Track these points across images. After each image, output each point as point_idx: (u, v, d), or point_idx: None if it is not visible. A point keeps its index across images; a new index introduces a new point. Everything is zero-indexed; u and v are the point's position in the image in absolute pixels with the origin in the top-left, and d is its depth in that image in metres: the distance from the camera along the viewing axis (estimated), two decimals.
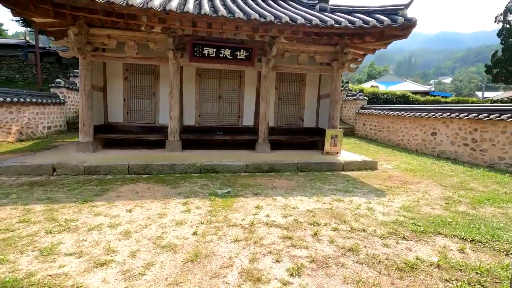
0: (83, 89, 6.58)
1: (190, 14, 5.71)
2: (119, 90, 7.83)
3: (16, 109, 9.82)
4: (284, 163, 6.56)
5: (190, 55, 6.87)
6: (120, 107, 7.89)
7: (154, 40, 6.80)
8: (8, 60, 19.14)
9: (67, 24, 6.51)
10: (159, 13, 5.67)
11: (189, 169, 6.14)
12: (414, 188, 5.41)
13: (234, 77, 8.37)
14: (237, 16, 5.82)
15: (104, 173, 5.79)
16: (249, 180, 5.64)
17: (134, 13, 5.63)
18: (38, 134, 11.00)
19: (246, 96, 8.49)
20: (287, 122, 8.91)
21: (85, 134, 6.70)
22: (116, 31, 6.58)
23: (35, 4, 5.43)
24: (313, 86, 8.91)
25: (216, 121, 8.44)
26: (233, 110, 8.50)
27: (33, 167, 5.55)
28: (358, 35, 6.71)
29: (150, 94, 8.01)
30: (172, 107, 7.03)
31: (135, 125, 8.01)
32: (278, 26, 6.13)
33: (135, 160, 6.11)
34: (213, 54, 6.93)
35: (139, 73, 7.90)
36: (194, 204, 4.12)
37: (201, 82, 8.19)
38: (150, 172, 5.96)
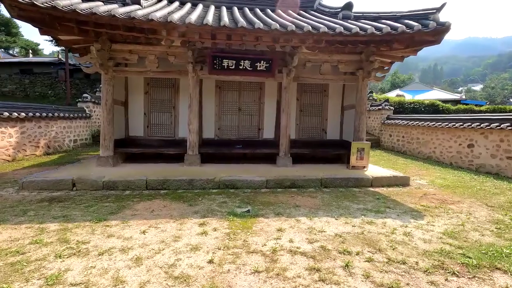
0: (105, 104, 6.62)
1: (209, 26, 5.61)
2: (140, 104, 7.87)
3: (45, 123, 10.18)
4: (307, 179, 6.17)
5: (210, 67, 6.77)
6: (141, 121, 7.90)
7: (174, 53, 6.78)
8: (42, 77, 20.33)
9: (90, 40, 6.65)
10: (178, 27, 5.61)
11: (208, 185, 5.91)
12: (455, 208, 4.82)
13: (254, 88, 8.18)
14: (257, 26, 5.65)
15: (122, 188, 5.70)
16: (270, 197, 5.30)
17: (154, 27, 5.61)
18: (64, 147, 11.34)
19: (266, 108, 8.25)
20: (309, 135, 8.54)
21: (106, 149, 6.70)
22: (137, 46, 6.63)
23: (60, 22, 5.56)
24: (336, 97, 8.52)
25: (236, 134, 8.24)
26: (253, 123, 8.27)
27: (54, 182, 5.55)
28: (385, 42, 6.32)
29: (170, 107, 7.98)
30: (191, 120, 6.91)
31: (155, 139, 7.98)
32: (299, 35, 5.89)
33: (153, 175, 5.99)
34: (233, 66, 6.79)
35: (160, 86, 7.92)
36: (211, 225, 3.84)
37: (221, 94, 8.07)
38: (168, 187, 5.79)
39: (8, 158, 8.51)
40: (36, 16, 5.39)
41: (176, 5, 7.47)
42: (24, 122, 9.17)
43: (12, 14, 5.26)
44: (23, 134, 9.14)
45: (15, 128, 8.83)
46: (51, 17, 5.36)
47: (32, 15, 5.37)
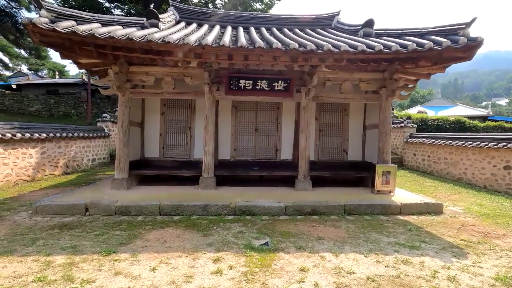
0: (121, 126, 6.57)
1: (226, 48, 5.50)
2: (156, 124, 7.81)
3: (65, 143, 10.34)
4: (329, 205, 5.74)
5: (226, 88, 6.63)
6: (157, 142, 7.81)
7: (191, 75, 6.71)
8: (66, 97, 21.18)
9: (109, 63, 6.70)
10: (195, 48, 5.54)
11: (223, 211, 5.60)
12: (502, 244, 4.23)
13: (271, 108, 7.96)
14: (275, 46, 5.47)
15: (135, 213, 5.48)
16: (289, 226, 4.91)
17: (171, 49, 5.56)
18: (83, 166, 11.44)
19: (284, 128, 7.97)
20: (329, 156, 8.13)
21: (120, 171, 6.59)
22: (154, 68, 6.62)
23: (80, 46, 5.62)
24: (357, 116, 8.14)
25: (252, 155, 7.97)
26: (270, 143, 7.99)
27: (67, 207, 5.43)
28: (411, 59, 5.97)
29: (185, 128, 7.86)
30: (207, 142, 6.72)
31: (170, 160, 7.83)
32: (319, 54, 5.66)
33: (167, 200, 5.75)
34: (250, 86, 6.62)
35: (176, 107, 7.86)
36: (227, 261, 3.50)
37: (237, 114, 7.89)
38: (182, 213, 5.53)
39: (27, 178, 8.59)
40: (57, 41, 5.47)
41: (193, 27, 7.51)
42: (44, 143, 9.32)
43: (34, 40, 5.37)
44: (43, 154, 9.27)
45: (36, 149, 8.97)
46: (71, 42, 5.42)
47: (53, 41, 5.46)
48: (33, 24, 5.01)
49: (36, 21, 4.98)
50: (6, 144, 7.84)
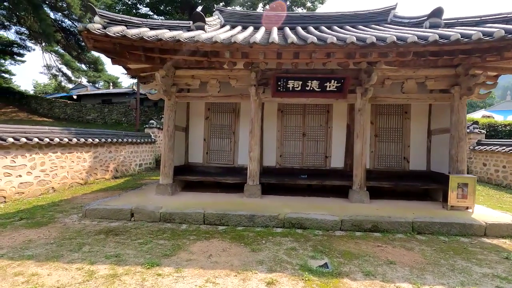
0: (166, 130, 6.48)
1: (276, 45, 5.08)
2: (200, 129, 7.66)
3: (115, 148, 10.75)
4: (393, 221, 4.94)
5: (273, 90, 6.20)
6: (200, 147, 7.64)
7: (236, 77, 6.42)
8: (118, 106, 22.66)
9: (156, 68, 6.70)
10: (242, 47, 5.21)
11: (271, 222, 5.11)
12: None
13: (320, 111, 7.35)
14: (329, 41, 4.92)
15: (179, 221, 5.24)
16: (349, 244, 4.24)
17: (217, 49, 5.31)
18: (130, 171, 11.82)
19: (334, 133, 7.29)
20: (387, 164, 7.22)
21: (165, 176, 6.46)
22: (199, 71, 6.46)
23: (129, 51, 5.63)
24: (420, 119, 7.14)
25: (300, 162, 7.39)
26: (319, 150, 7.34)
27: (113, 211, 5.37)
28: (496, 49, 4.98)
29: (229, 133, 7.59)
30: (252, 147, 6.32)
31: (213, 166, 7.59)
32: (381, 48, 4.97)
33: (211, 208, 5.43)
34: (299, 87, 6.11)
35: (220, 111, 7.64)
36: (282, 285, 2.98)
37: (283, 118, 7.41)
38: (226, 223, 5.15)
39: (81, 181, 8.99)
40: (108, 46, 5.53)
41: (238, 29, 7.26)
42: (97, 147, 9.74)
43: (88, 45, 5.48)
44: (95, 158, 9.69)
45: (89, 153, 9.39)
46: (121, 46, 5.44)
47: (105, 46, 5.52)
48: (87, 30, 5.09)
49: (90, 27, 5.06)
50: (63, 148, 8.27)
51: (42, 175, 7.56)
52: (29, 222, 5.06)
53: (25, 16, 22.36)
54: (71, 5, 23.12)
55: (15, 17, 27.12)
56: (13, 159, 6.76)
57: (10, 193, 6.67)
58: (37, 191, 7.39)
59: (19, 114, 23.71)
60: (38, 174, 7.42)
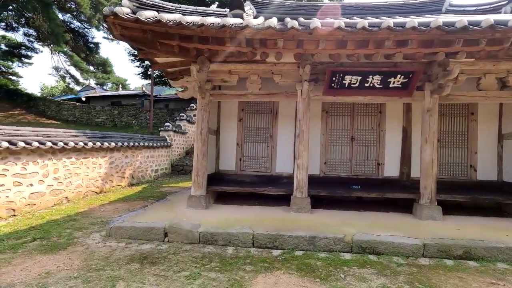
0: (199, 133, 5.61)
1: (341, 32, 4.20)
2: (232, 133, 6.78)
3: (131, 153, 9.93)
4: (489, 246, 3.99)
5: (326, 86, 5.31)
6: (233, 152, 6.76)
7: (280, 72, 5.56)
8: (128, 108, 21.94)
9: (187, 62, 5.87)
10: (300, 34, 4.34)
11: (336, 246, 4.19)
12: None
13: (371, 112, 6.44)
14: (409, 26, 4.03)
15: (222, 243, 4.35)
16: (453, 279, 3.31)
17: (269, 37, 4.44)
18: (146, 177, 10.99)
19: (388, 137, 6.37)
20: (451, 173, 6.27)
21: (198, 187, 5.59)
22: (238, 66, 5.59)
23: (162, 40, 4.80)
24: (489, 121, 6.20)
25: (347, 170, 6.47)
26: (370, 156, 6.42)
27: (143, 231, 4.49)
28: None
29: (266, 136, 6.70)
30: (300, 153, 5.43)
31: (248, 174, 6.70)
32: (473, 34, 4.07)
33: (259, 227, 4.53)
34: (356, 83, 5.22)
35: (255, 112, 6.76)
36: None
37: (328, 120, 6.52)
38: (281, 246, 4.25)
39: (96, 189, 8.16)
40: (137, 35, 4.70)
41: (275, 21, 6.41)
42: (113, 152, 8.92)
43: (115, 33, 4.65)
44: (111, 164, 8.86)
45: (105, 158, 8.56)
46: (154, 34, 4.61)
47: (134, 34, 4.69)
48: (115, 15, 4.27)
49: (118, 11, 4.23)
50: (78, 153, 7.45)
51: (55, 183, 6.73)
52: (44, 244, 4.20)
53: (33, 16, 21.80)
54: (80, 4, 22.56)
55: (24, 19, 26.73)
56: (24, 166, 5.94)
57: (20, 205, 5.84)
58: (49, 202, 6.55)
59: (26, 116, 23.10)
60: (51, 182, 6.59)
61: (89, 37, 29.92)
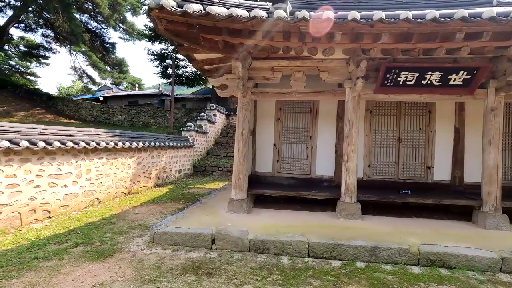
0: (241, 134, 5.33)
1: (406, 24, 3.84)
2: (269, 133, 6.47)
3: (157, 153, 9.75)
4: None
5: (379, 84, 4.94)
6: (270, 153, 6.45)
7: (327, 68, 5.23)
8: (146, 107, 21.92)
9: (226, 59, 5.62)
10: (360, 27, 4.01)
11: (401, 258, 3.84)
12: None
13: (419, 112, 6.03)
14: (486, 16, 3.64)
15: (274, 251, 4.05)
16: None
17: (327, 30, 4.11)
18: (171, 178, 10.81)
19: (438, 138, 5.94)
20: (508, 177, 5.81)
21: (239, 190, 5.30)
22: (281, 62, 5.29)
23: (207, 34, 4.53)
24: None
25: (393, 173, 6.08)
26: (418, 159, 6.01)
27: (189, 237, 4.23)
28: None
29: (305, 137, 6.36)
30: (349, 155, 5.08)
31: (286, 177, 6.39)
32: None
33: (312, 235, 4.22)
34: (412, 80, 4.84)
35: (294, 112, 6.44)
36: None
37: (372, 120, 6.13)
38: (339, 256, 3.92)
39: (125, 190, 7.99)
40: (182, 29, 4.44)
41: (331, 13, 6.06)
42: (140, 152, 8.76)
43: (159, 27, 4.40)
44: (139, 164, 8.69)
45: (133, 159, 8.40)
46: (200, 28, 4.34)
47: (179, 28, 4.44)
48: (160, 8, 4.01)
49: (164, 3, 3.97)
50: (109, 153, 7.29)
51: (88, 184, 6.57)
52: (88, 249, 3.98)
53: (54, 17, 22.04)
54: (99, 4, 22.73)
55: (42, 20, 27.14)
56: (59, 167, 5.78)
57: (55, 207, 5.68)
58: (82, 204, 6.39)
59: (46, 116, 23.38)
60: (83, 183, 6.44)
61: (105, 37, 30.23)
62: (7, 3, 25.98)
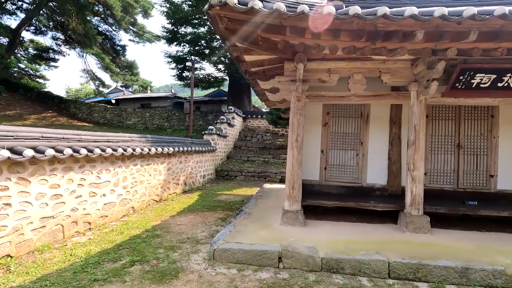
0: (295, 140, 4.98)
1: (501, 21, 3.46)
2: (316, 138, 6.11)
3: (184, 158, 9.43)
4: None
5: (449, 86, 4.57)
6: (317, 160, 6.08)
7: (390, 70, 4.86)
8: (160, 110, 21.66)
9: (277, 60, 5.28)
10: (446, 24, 3.63)
11: (496, 280, 3.46)
12: None
13: (480, 116, 5.63)
14: None
15: (350, 271, 3.68)
16: None
17: (408, 28, 3.74)
18: (196, 183, 10.48)
19: (502, 144, 5.54)
20: None
21: (294, 201, 4.95)
22: (339, 63, 4.93)
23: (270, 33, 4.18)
24: None
25: (452, 182, 5.68)
26: (480, 166, 5.60)
27: (254, 254, 3.87)
28: None
29: (355, 143, 5.99)
30: (415, 163, 4.70)
31: (334, 185, 6.01)
32: None
33: (390, 253, 3.83)
34: (488, 83, 4.46)
35: (343, 116, 6.06)
36: None
37: (429, 125, 5.74)
38: (425, 278, 3.54)
39: (156, 198, 7.66)
40: (242, 28, 4.11)
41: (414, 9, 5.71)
42: (170, 158, 8.44)
43: (219, 27, 4.07)
44: (168, 170, 8.37)
45: (164, 165, 8.08)
46: (263, 26, 3.99)
47: (239, 27, 4.10)
48: (223, 5, 3.68)
49: (228, 1, 3.64)
50: (142, 160, 6.97)
51: (124, 192, 6.25)
52: (148, 270, 3.63)
53: (68, 19, 21.87)
54: (112, 6, 22.53)
55: (52, 22, 27.05)
56: (98, 175, 5.47)
57: (95, 218, 5.36)
58: (119, 213, 6.07)
59: (59, 118, 23.22)
60: (120, 191, 6.12)
61: (116, 39, 30.06)
62: (19, 6, 25.98)
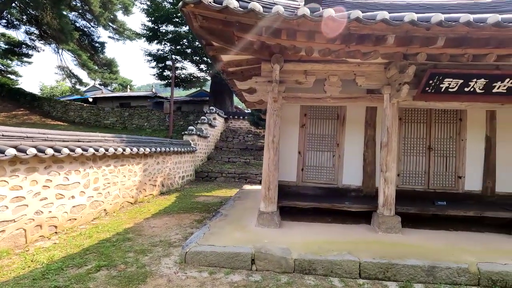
0: (272, 141, 4.97)
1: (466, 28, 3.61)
2: (294, 140, 6.12)
3: (162, 159, 9.22)
4: None
5: (420, 90, 4.71)
6: (294, 162, 6.10)
7: (364, 73, 4.96)
8: (139, 110, 21.12)
9: (254, 61, 5.27)
10: (415, 30, 3.74)
11: (460, 278, 3.58)
12: None
13: (449, 120, 5.85)
14: None
15: (322, 272, 3.70)
16: None
17: (379, 32, 3.82)
18: (175, 185, 10.27)
19: (469, 146, 5.78)
20: None
21: (269, 202, 4.93)
22: (315, 65, 4.99)
23: (245, 32, 4.14)
24: None
25: (423, 183, 5.86)
26: (449, 168, 5.82)
27: (226, 257, 3.81)
28: None
29: (332, 145, 6.06)
30: (388, 165, 4.80)
31: (311, 186, 6.05)
32: None
33: (361, 253, 3.88)
34: (455, 87, 4.63)
35: (320, 118, 6.12)
36: None
37: (402, 128, 5.90)
38: (394, 277, 3.61)
39: (131, 200, 7.42)
40: (217, 27, 4.06)
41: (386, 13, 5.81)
42: (146, 159, 8.21)
43: (194, 24, 4.00)
44: (144, 172, 8.14)
45: (139, 165, 7.84)
46: (239, 26, 3.96)
47: (214, 26, 4.05)
48: (197, 3, 3.62)
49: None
50: (116, 160, 6.73)
51: (95, 194, 6.00)
52: (114, 274, 3.48)
53: (42, 13, 20.90)
54: (90, 1, 21.76)
55: (26, 16, 25.78)
56: (67, 176, 5.22)
57: (62, 221, 5.10)
58: (89, 216, 5.82)
59: (31, 117, 22.13)
60: (91, 193, 5.87)
61: (94, 36, 29.02)
62: None
